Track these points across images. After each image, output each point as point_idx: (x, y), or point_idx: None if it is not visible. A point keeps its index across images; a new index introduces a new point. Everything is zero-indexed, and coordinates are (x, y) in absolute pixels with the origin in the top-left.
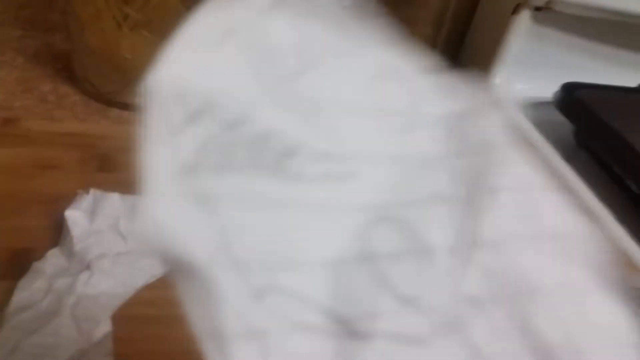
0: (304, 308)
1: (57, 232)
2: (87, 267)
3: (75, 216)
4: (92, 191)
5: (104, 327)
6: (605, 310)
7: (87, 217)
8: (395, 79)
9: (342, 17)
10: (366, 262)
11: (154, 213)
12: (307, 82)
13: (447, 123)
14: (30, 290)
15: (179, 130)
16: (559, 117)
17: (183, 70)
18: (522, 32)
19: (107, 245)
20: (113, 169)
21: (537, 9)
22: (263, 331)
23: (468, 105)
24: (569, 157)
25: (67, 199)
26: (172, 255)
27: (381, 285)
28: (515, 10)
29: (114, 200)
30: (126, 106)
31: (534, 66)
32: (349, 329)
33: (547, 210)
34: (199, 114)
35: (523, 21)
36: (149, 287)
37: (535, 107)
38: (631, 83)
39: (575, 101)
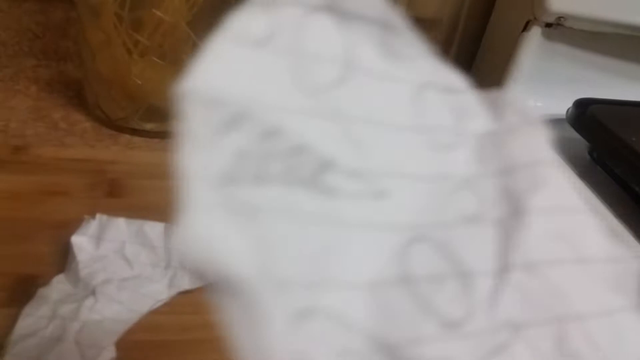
0: (347, 332)
1: (64, 258)
2: (92, 292)
3: (81, 242)
4: (98, 216)
5: (108, 354)
6: (633, 328)
7: (93, 242)
8: (441, 93)
9: (388, 24)
10: (406, 283)
11: (194, 225)
12: (347, 93)
13: (489, 141)
14: (34, 317)
15: (216, 137)
16: (573, 134)
17: (219, 74)
18: (533, 49)
19: (113, 270)
20: (122, 194)
21: (548, 25)
22: (308, 355)
23: (511, 122)
24: (585, 174)
25: (74, 225)
26: (214, 271)
27: (424, 308)
28: (526, 27)
29: (119, 225)
30: (136, 132)
31: (546, 83)
32: (394, 355)
33: (582, 234)
34: (234, 122)
35: (534, 38)
36: (154, 313)
37: (549, 124)
38: None
39: (589, 117)
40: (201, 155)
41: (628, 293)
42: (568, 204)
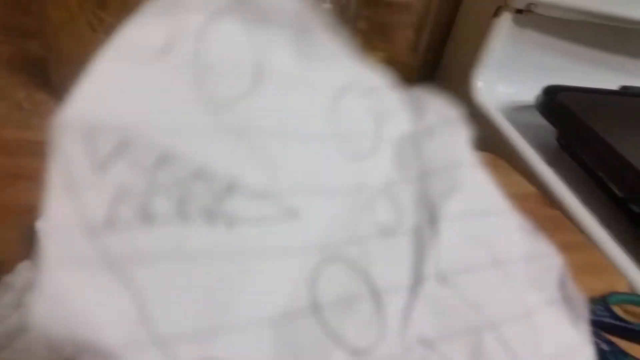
0: None
1: (29, 245)
2: None
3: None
4: None
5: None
6: (554, 330)
7: None
8: (360, 95)
9: (304, 25)
10: (313, 313)
11: (54, 287)
12: (258, 105)
13: (408, 144)
14: None
15: (89, 179)
16: (541, 120)
17: (103, 98)
18: (503, 35)
19: None
20: None
21: (518, 11)
22: None
23: (432, 122)
24: (552, 160)
25: (39, 210)
26: (79, 340)
27: (332, 338)
28: (496, 13)
29: None
30: None
31: (516, 69)
32: None
33: (497, 236)
34: (119, 152)
35: (504, 24)
36: None
37: (517, 110)
38: (612, 85)
39: (557, 104)
40: (74, 200)
41: (545, 289)
42: (484, 206)
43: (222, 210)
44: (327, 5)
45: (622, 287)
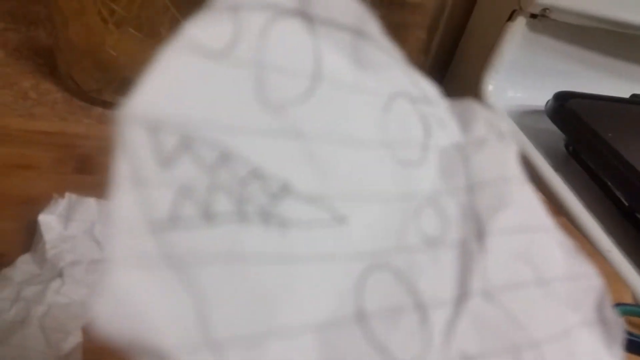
0: None
1: (29, 237)
2: (59, 274)
3: (49, 220)
4: (67, 195)
5: (75, 338)
6: (589, 352)
7: (62, 222)
8: (411, 103)
9: (361, 30)
10: (360, 322)
11: (114, 287)
12: (313, 109)
13: (456, 155)
14: None
15: (159, 171)
16: (551, 126)
17: (168, 93)
18: (516, 39)
19: (82, 252)
20: (91, 170)
21: (533, 16)
22: None
23: (481, 134)
24: (560, 166)
25: (41, 202)
26: (137, 340)
27: (376, 349)
28: (511, 17)
29: (89, 205)
30: (110, 105)
31: (528, 74)
32: None
33: (541, 253)
34: (183, 148)
35: (518, 28)
36: None
37: (527, 115)
38: (623, 93)
39: (567, 111)
40: (139, 195)
41: (583, 309)
42: (530, 223)
43: (276, 211)
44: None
45: (627, 299)
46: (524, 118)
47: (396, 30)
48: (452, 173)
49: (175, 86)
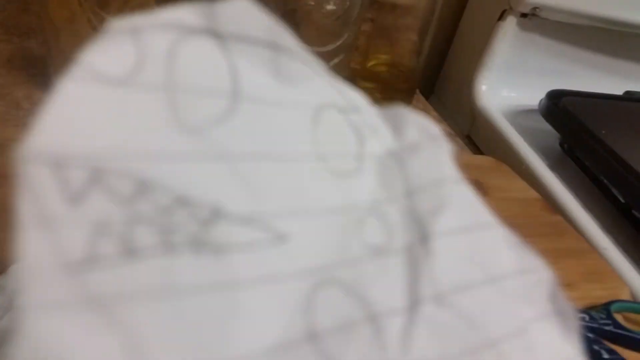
0: None
1: None
2: None
3: None
4: None
5: None
6: (548, 344)
7: None
8: (340, 113)
9: (279, 44)
10: (310, 341)
11: (36, 332)
12: (236, 128)
13: (392, 161)
14: None
15: (63, 214)
16: (545, 125)
17: (70, 125)
18: (508, 38)
19: None
20: None
21: (523, 15)
22: None
23: (414, 139)
24: (555, 165)
25: None
26: None
27: None
28: (501, 16)
29: None
30: None
31: (520, 73)
32: None
33: (489, 251)
34: (93, 182)
35: (509, 28)
36: None
37: (520, 115)
38: (617, 90)
39: (560, 109)
40: (48, 237)
41: (537, 302)
42: (472, 222)
43: (208, 238)
44: (331, 7)
45: (625, 295)
46: (518, 117)
47: (388, 33)
48: (390, 180)
49: (77, 118)
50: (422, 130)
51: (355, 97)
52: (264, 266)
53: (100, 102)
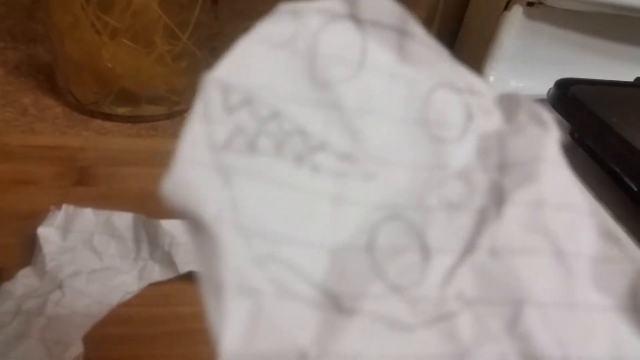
0: (299, 281)
1: (30, 251)
2: (59, 286)
3: (47, 233)
4: (64, 207)
5: (76, 349)
6: (614, 335)
7: (60, 233)
8: (456, 93)
9: (407, 30)
10: (366, 252)
11: (177, 173)
12: (356, 88)
13: (494, 139)
14: None
15: (217, 117)
16: (554, 114)
17: (240, 67)
18: (514, 28)
19: (81, 262)
20: (91, 182)
21: (529, 4)
22: (257, 291)
23: (521, 123)
24: (566, 155)
25: (42, 216)
26: (187, 211)
27: (375, 272)
28: (507, 6)
29: (87, 216)
30: (108, 116)
31: (528, 63)
32: (336, 304)
33: (566, 230)
34: (243, 104)
35: (515, 17)
36: (124, 305)
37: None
38: (628, 77)
39: (570, 98)
40: (206, 126)
41: (612, 293)
42: (558, 201)
43: (310, 158)
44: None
45: None
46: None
47: None
48: (487, 154)
49: (245, 63)
50: (532, 115)
51: (474, 81)
52: (347, 190)
53: (261, 56)
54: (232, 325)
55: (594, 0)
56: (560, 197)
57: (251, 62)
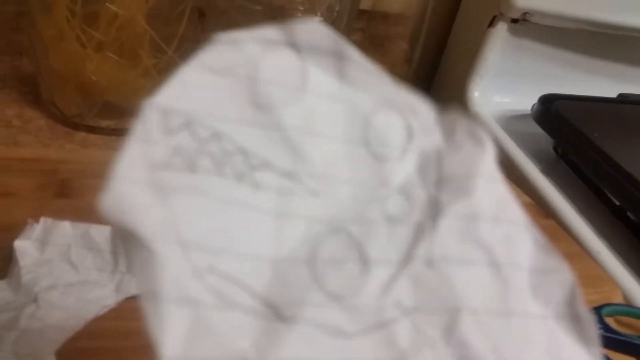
0: (239, 291)
1: (6, 264)
2: (34, 299)
3: (24, 246)
4: (42, 219)
5: None
6: (552, 344)
7: (38, 246)
8: (396, 112)
9: (344, 54)
10: (308, 264)
11: (114, 191)
12: (296, 111)
13: (433, 156)
14: None
15: (159, 138)
16: (538, 130)
17: (180, 93)
18: (499, 44)
19: (58, 275)
20: (71, 194)
21: (514, 21)
22: (197, 301)
23: (459, 141)
24: (549, 170)
25: (20, 228)
26: (124, 227)
27: (316, 283)
28: (492, 22)
29: (65, 229)
30: (93, 129)
31: (512, 78)
32: (276, 313)
33: (501, 242)
34: (182, 127)
35: (500, 33)
36: (100, 319)
37: (514, 120)
38: (611, 93)
39: (554, 113)
40: (145, 147)
41: (550, 302)
42: (493, 214)
43: (252, 176)
44: (318, 19)
45: (618, 299)
46: (511, 123)
47: (379, 42)
48: (426, 170)
49: (186, 89)
50: (469, 134)
51: (414, 102)
52: (290, 206)
53: (202, 82)
54: (171, 333)
55: (577, 17)
56: (495, 210)
57: (192, 89)
